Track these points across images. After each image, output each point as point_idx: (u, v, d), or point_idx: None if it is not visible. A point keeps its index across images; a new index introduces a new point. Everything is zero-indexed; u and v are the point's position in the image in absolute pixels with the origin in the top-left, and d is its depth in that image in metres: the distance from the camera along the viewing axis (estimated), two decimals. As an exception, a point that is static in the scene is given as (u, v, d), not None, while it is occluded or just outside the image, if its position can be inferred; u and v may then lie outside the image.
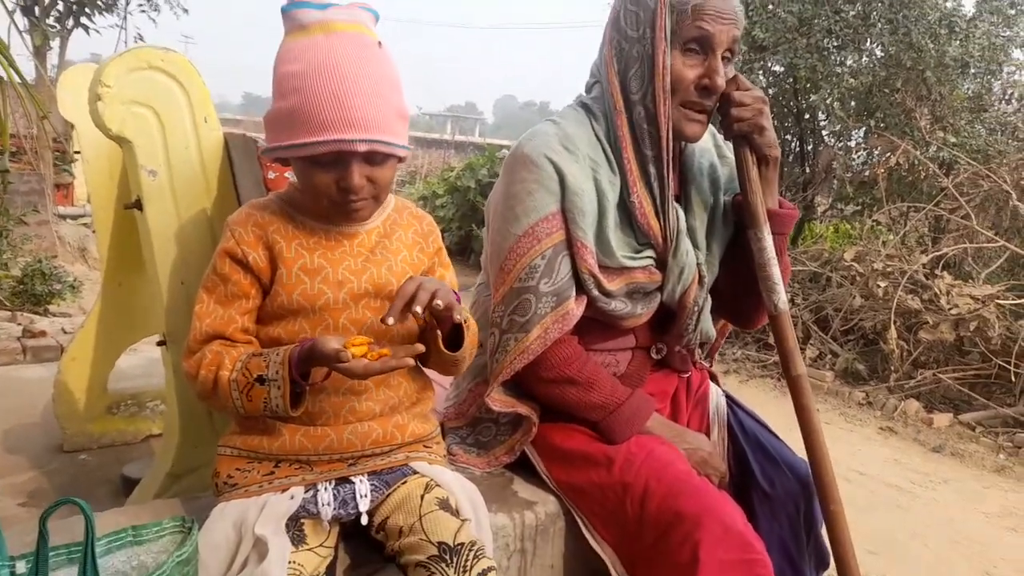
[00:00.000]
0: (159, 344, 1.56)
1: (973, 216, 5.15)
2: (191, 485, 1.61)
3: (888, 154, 5.69)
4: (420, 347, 1.09)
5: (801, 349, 5.10)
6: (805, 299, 5.55)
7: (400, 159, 1.12)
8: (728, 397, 1.61)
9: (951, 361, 4.69)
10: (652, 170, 1.39)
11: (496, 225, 1.43)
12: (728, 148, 1.50)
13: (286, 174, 1.50)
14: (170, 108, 1.47)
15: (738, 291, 1.49)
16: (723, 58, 1.33)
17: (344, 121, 1.03)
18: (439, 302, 1.04)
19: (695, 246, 1.47)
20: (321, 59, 1.04)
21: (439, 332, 1.13)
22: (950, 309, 4.59)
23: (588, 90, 1.50)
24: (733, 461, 1.51)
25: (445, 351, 1.15)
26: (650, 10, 1.32)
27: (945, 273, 4.98)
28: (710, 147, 1.55)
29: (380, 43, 1.11)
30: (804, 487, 1.41)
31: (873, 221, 6.20)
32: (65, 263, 5.56)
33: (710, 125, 1.46)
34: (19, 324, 3.87)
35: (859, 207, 6.81)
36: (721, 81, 1.32)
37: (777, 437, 1.53)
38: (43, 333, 3.71)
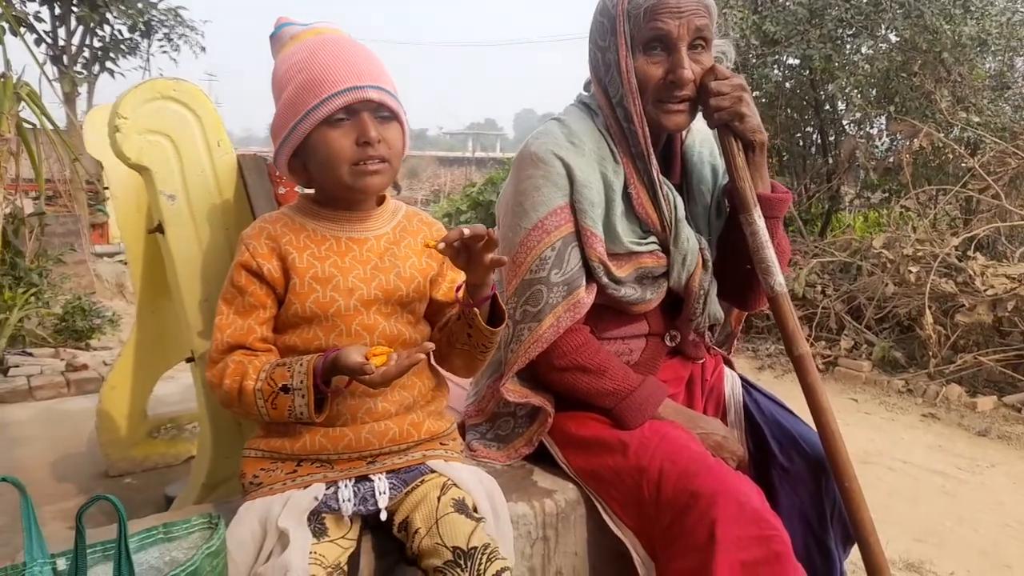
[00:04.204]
0: (187, 360, 1.62)
1: (1003, 195, 5.05)
2: (225, 494, 1.66)
3: (911, 139, 5.61)
4: (430, 344, 1.14)
5: (835, 340, 5.10)
6: (836, 290, 5.48)
7: (402, 128, 1.18)
8: (744, 380, 1.62)
9: (991, 343, 4.58)
10: (640, 164, 1.43)
11: (507, 221, 1.47)
12: None
13: (296, 188, 1.56)
14: (184, 134, 1.53)
15: (736, 274, 1.51)
16: (696, 47, 1.36)
17: (352, 73, 1.13)
18: (466, 230, 1.06)
19: (698, 231, 1.49)
20: (319, 42, 1.17)
21: (477, 311, 1.17)
22: (986, 290, 4.50)
23: (586, 88, 1.55)
24: (751, 441, 1.52)
25: (486, 327, 1.18)
26: (612, 19, 1.39)
27: (978, 254, 4.88)
28: (710, 135, 1.57)
29: None
30: (822, 461, 1.41)
31: (901, 207, 6.09)
32: (103, 299, 5.73)
33: None
34: (62, 359, 4.00)
35: (886, 194, 6.71)
36: (685, 73, 1.35)
37: (793, 414, 1.54)
38: (85, 367, 3.84)
